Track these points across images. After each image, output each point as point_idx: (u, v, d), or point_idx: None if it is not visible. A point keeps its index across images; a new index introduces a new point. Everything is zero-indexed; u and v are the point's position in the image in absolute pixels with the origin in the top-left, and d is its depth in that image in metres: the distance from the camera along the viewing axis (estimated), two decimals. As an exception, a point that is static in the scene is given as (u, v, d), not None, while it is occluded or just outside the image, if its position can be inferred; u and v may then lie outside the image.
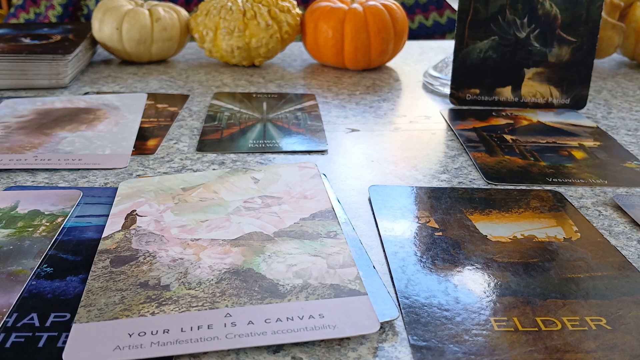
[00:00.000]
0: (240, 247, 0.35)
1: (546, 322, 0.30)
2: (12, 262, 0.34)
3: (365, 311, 0.29)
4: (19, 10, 1.26)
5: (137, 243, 0.36)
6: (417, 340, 0.28)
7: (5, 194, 0.42)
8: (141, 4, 0.78)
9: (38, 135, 0.53)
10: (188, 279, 0.32)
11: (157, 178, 0.45)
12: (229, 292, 0.31)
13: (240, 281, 0.32)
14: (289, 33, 0.76)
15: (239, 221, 0.38)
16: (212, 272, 0.33)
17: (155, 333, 0.28)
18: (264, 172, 0.45)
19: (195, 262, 0.34)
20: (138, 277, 0.32)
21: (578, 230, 0.39)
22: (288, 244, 0.36)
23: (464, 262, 0.35)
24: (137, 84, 0.70)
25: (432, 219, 0.39)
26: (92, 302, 0.30)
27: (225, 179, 0.44)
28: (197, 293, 0.31)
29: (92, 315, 0.29)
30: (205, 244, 0.36)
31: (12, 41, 0.72)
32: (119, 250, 0.35)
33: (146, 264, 0.34)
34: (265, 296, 0.31)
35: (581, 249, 0.36)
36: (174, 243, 0.36)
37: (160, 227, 0.38)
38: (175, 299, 0.31)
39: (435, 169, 0.49)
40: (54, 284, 0.32)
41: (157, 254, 0.35)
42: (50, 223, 0.38)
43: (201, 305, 0.30)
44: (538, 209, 0.41)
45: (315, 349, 0.28)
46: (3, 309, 0.30)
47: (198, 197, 0.41)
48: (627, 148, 0.54)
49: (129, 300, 0.30)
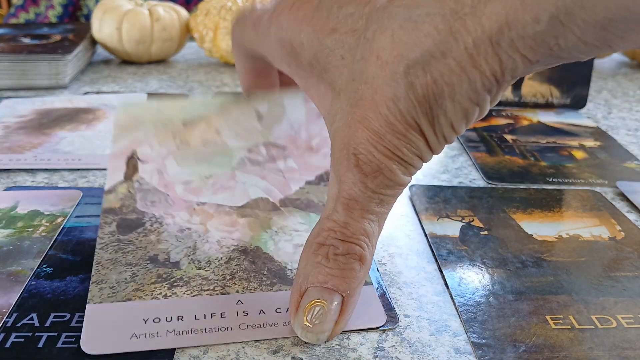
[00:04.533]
0: (246, 217, 0.35)
1: (602, 320, 0.30)
2: (12, 262, 0.34)
3: (371, 303, 0.29)
4: (19, 10, 1.26)
5: (142, 203, 0.35)
6: (477, 338, 0.29)
7: (5, 194, 0.42)
8: (141, 4, 0.78)
9: (38, 135, 0.53)
10: (197, 255, 0.32)
11: (156, 104, 0.43)
12: (239, 274, 0.31)
13: (249, 262, 0.32)
14: (288, 33, 0.76)
15: (244, 181, 0.38)
16: (220, 250, 0.33)
17: (169, 320, 0.28)
18: (269, 103, 0.41)
19: (203, 235, 0.34)
20: (147, 249, 0.33)
21: (622, 229, 0.39)
22: (294, 217, 0.35)
23: (513, 261, 0.35)
24: (137, 84, 0.70)
25: (475, 218, 0.39)
26: (103, 277, 0.30)
27: (229, 112, 0.41)
28: (208, 274, 0.31)
29: (104, 295, 0.29)
30: (211, 211, 0.35)
31: (12, 41, 0.72)
32: (124, 211, 0.35)
33: (154, 233, 0.34)
34: (275, 282, 0.31)
35: (627, 248, 0.37)
36: (179, 206, 0.35)
37: (165, 182, 0.37)
38: (187, 279, 0.31)
39: (436, 168, 0.49)
40: (54, 284, 0.32)
41: (163, 219, 0.35)
42: (50, 223, 0.38)
43: (212, 289, 0.30)
44: (579, 208, 0.42)
45: (315, 349, 0.28)
46: (3, 309, 0.30)
47: (200, 139, 0.39)
48: (627, 148, 0.54)
49: (140, 278, 0.30)
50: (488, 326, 0.29)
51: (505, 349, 0.28)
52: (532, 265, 0.34)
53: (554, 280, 0.33)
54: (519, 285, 0.32)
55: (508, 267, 0.34)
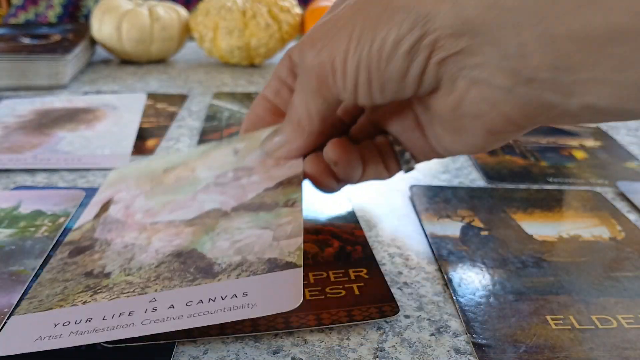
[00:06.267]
0: (193, 226, 0.34)
1: (602, 320, 0.30)
2: (14, 262, 0.34)
3: (291, 286, 0.27)
4: (19, 10, 1.26)
5: (100, 232, 0.35)
6: (477, 338, 0.29)
7: (8, 193, 0.42)
8: (141, 4, 0.78)
9: (37, 135, 0.53)
10: (131, 265, 0.32)
11: (145, 161, 0.44)
12: (164, 275, 0.30)
13: (180, 263, 0.31)
14: (288, 33, 0.76)
15: (203, 199, 0.37)
16: (156, 257, 0.32)
17: (78, 322, 0.28)
18: (247, 140, 0.41)
19: (145, 247, 0.33)
20: (87, 266, 0.32)
21: (622, 229, 0.39)
22: (242, 218, 0.34)
23: (514, 261, 0.35)
24: (137, 83, 0.70)
25: (476, 218, 0.40)
26: (36, 294, 0.31)
27: (208, 153, 0.42)
28: (134, 279, 0.31)
29: (31, 307, 0.29)
30: (161, 227, 0.35)
31: (11, 41, 0.71)
32: (82, 240, 0.35)
33: (99, 252, 0.33)
34: (198, 277, 0.30)
35: (627, 248, 0.37)
36: (132, 228, 0.35)
37: (128, 212, 0.37)
38: (111, 286, 0.30)
39: (436, 168, 0.49)
40: (55, 285, 0.32)
41: (113, 241, 0.34)
42: (53, 223, 0.38)
43: (132, 292, 0.30)
44: (580, 209, 0.42)
45: (315, 349, 0.28)
46: (4, 308, 0.30)
47: (175, 178, 0.40)
48: (627, 148, 0.54)
49: (69, 290, 0.30)
50: (488, 326, 0.29)
51: (505, 349, 0.28)
52: (533, 266, 0.34)
53: (554, 281, 0.33)
54: (520, 286, 0.33)
55: (508, 268, 0.34)
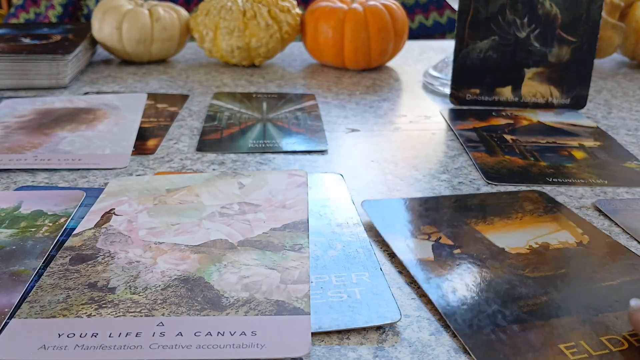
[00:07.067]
0: (200, 254, 0.35)
1: (612, 341, 0.29)
2: (15, 262, 0.34)
3: (300, 332, 0.28)
4: (19, 10, 1.26)
5: (103, 242, 0.36)
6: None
7: (9, 194, 0.42)
8: (141, 4, 0.78)
9: (38, 135, 0.53)
10: (136, 283, 0.32)
11: (148, 177, 0.44)
12: (171, 300, 0.31)
13: (187, 290, 0.31)
14: (289, 33, 0.76)
15: (208, 227, 0.37)
16: (162, 279, 0.32)
17: (83, 336, 0.28)
18: (252, 177, 0.43)
19: (150, 266, 0.33)
20: (90, 277, 0.32)
21: (584, 232, 0.39)
22: (249, 254, 0.35)
23: (499, 282, 0.33)
24: (137, 84, 0.70)
25: (442, 235, 0.38)
26: (38, 298, 0.31)
27: (212, 182, 0.43)
28: (140, 299, 0.31)
29: (32, 312, 0.30)
30: (166, 249, 0.35)
31: (12, 41, 0.72)
32: (83, 248, 0.35)
33: (102, 264, 0.33)
34: (205, 307, 0.30)
35: (597, 252, 0.36)
36: (137, 245, 0.35)
37: (131, 227, 0.37)
38: (117, 302, 0.30)
39: (436, 168, 0.49)
40: (55, 284, 0.32)
41: (117, 254, 0.34)
42: (53, 223, 0.38)
43: (138, 312, 0.30)
44: (534, 212, 0.41)
45: (315, 350, 0.28)
46: (5, 308, 0.30)
47: (178, 200, 0.41)
48: (627, 148, 0.54)
49: (72, 299, 0.30)
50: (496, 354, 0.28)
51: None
52: (520, 285, 0.33)
53: (548, 300, 0.32)
54: (519, 312, 0.31)
55: (497, 290, 0.33)
